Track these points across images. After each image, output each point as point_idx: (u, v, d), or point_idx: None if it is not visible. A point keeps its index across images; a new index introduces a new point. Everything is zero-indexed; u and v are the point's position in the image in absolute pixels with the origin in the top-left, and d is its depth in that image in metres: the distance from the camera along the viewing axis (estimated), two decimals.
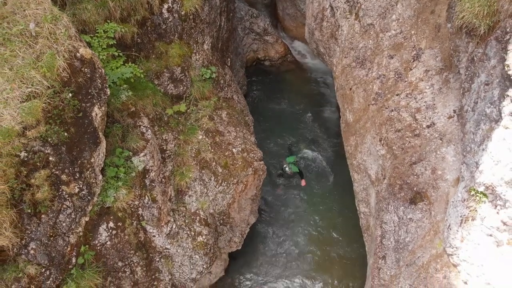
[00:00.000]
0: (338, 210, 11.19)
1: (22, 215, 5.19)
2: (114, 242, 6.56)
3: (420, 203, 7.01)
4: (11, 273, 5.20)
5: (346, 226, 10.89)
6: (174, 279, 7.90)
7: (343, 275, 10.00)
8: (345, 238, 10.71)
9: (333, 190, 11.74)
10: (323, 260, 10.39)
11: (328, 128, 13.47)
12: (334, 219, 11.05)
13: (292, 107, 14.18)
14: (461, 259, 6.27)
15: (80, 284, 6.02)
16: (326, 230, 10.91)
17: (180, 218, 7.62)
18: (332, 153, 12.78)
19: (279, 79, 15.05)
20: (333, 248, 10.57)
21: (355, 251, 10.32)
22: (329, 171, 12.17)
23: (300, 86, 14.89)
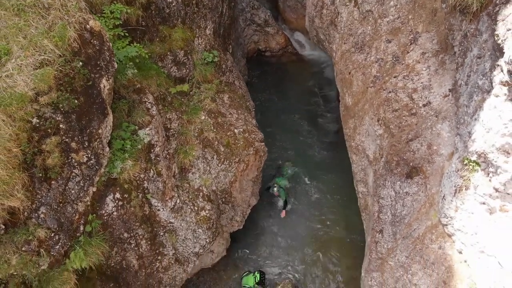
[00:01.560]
0: (337, 194, 11.41)
1: (33, 179, 5.42)
2: (120, 213, 6.79)
3: (416, 177, 7.24)
4: (21, 236, 5.42)
5: (345, 211, 11.10)
6: (177, 254, 8.13)
7: (341, 256, 10.21)
8: (344, 221, 10.91)
9: (333, 177, 11.94)
10: (323, 242, 10.59)
11: (325, 120, 13.70)
12: (334, 203, 11.26)
13: (293, 96, 14.40)
14: (455, 229, 6.49)
15: (88, 251, 6.25)
16: (326, 214, 11.12)
17: (183, 194, 7.85)
18: (330, 144, 12.98)
19: (280, 69, 15.30)
20: (332, 230, 10.78)
21: (354, 233, 10.53)
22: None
23: (300, 77, 15.12)
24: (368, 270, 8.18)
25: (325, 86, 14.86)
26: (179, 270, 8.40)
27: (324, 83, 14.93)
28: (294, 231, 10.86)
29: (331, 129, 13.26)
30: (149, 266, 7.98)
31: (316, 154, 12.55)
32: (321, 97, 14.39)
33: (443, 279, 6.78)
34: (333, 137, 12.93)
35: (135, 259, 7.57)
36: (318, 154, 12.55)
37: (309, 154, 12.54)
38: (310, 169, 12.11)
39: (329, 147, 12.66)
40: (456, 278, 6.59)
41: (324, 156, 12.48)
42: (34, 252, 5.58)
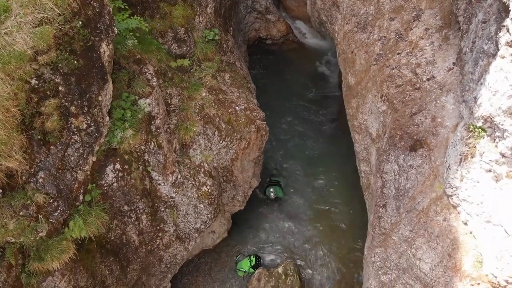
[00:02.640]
0: (338, 178, 11.31)
1: (32, 142, 5.34)
2: (120, 184, 6.70)
3: (420, 149, 7.14)
4: (19, 200, 5.34)
5: (347, 196, 11.00)
6: (178, 230, 8.04)
7: (343, 238, 10.11)
8: (345, 205, 10.81)
9: (334, 161, 11.85)
10: (323, 225, 10.49)
11: (328, 104, 13.61)
12: (335, 188, 11.17)
13: (293, 84, 14.29)
14: (460, 199, 6.39)
15: (87, 220, 6.16)
16: (327, 198, 11.02)
17: (185, 169, 7.76)
18: (330, 129, 12.89)
19: (281, 57, 15.21)
20: (333, 214, 10.68)
21: (356, 217, 10.42)
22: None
23: (301, 65, 15.02)
24: (371, 247, 8.07)
25: (326, 73, 14.78)
26: (180, 248, 8.31)
27: (325, 71, 14.84)
28: (295, 215, 10.76)
29: (331, 115, 13.16)
30: (149, 243, 7.88)
31: (316, 139, 12.44)
32: (322, 84, 14.30)
33: (448, 252, 6.67)
34: (333, 122, 12.85)
35: (135, 235, 7.47)
36: (318, 139, 12.44)
37: (309, 139, 12.44)
38: (310, 155, 12.01)
39: (329, 132, 12.57)
40: (462, 250, 6.48)
41: (323, 141, 12.37)
42: (32, 218, 5.48)
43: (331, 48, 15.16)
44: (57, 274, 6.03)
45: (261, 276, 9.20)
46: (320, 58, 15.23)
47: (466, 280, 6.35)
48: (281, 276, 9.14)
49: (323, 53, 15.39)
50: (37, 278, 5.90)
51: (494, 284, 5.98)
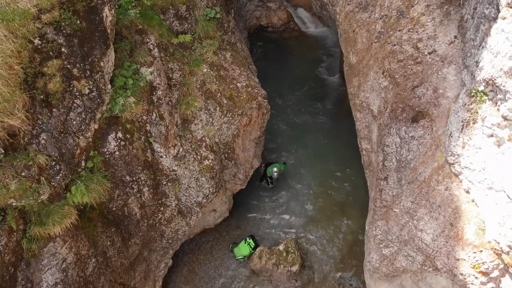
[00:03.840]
0: (338, 159, 11.32)
1: (34, 103, 5.35)
2: (122, 153, 6.70)
3: (422, 120, 7.13)
4: (21, 160, 5.34)
5: (347, 177, 11.01)
6: (180, 204, 8.03)
7: (343, 217, 10.10)
8: (345, 186, 10.81)
9: (334, 145, 11.85)
10: (323, 206, 10.48)
11: (328, 91, 13.63)
12: (335, 169, 11.17)
13: (294, 71, 14.31)
14: (462, 167, 6.38)
15: (89, 186, 6.16)
16: (327, 179, 11.02)
17: (186, 143, 7.76)
18: (330, 113, 12.89)
19: (282, 45, 15.24)
20: (334, 194, 10.67)
21: (355, 197, 10.42)
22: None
23: (302, 52, 15.05)
24: (372, 221, 8.06)
25: (326, 60, 14.80)
26: (182, 223, 8.30)
27: (325, 58, 14.86)
28: (295, 197, 10.75)
29: (331, 99, 13.17)
30: (151, 217, 7.87)
31: (316, 122, 12.45)
32: (322, 70, 14.31)
33: (450, 221, 6.66)
34: (333, 106, 12.86)
35: (137, 207, 7.46)
36: (318, 122, 12.44)
37: (309, 122, 12.44)
38: (309, 138, 12.01)
39: (329, 116, 12.57)
40: (464, 219, 6.47)
41: (324, 124, 12.38)
42: (34, 179, 5.49)
43: (332, 36, 15.22)
44: (59, 240, 6.02)
45: (262, 254, 9.18)
46: (320, 45, 15.26)
47: (469, 248, 6.34)
48: (282, 253, 9.12)
49: (323, 41, 15.42)
50: (38, 244, 5.89)
51: (497, 251, 5.97)
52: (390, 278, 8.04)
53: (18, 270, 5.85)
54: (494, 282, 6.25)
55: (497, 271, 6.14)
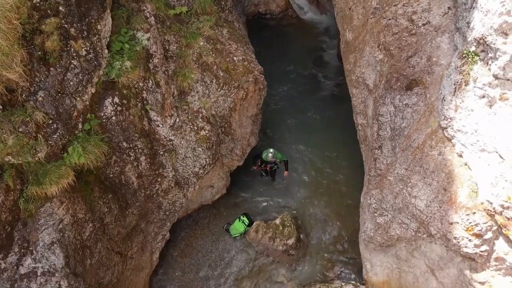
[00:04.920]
0: (335, 141, 11.38)
1: (32, 59, 5.44)
2: (119, 118, 6.78)
3: (416, 88, 7.21)
4: (19, 116, 5.43)
5: (343, 159, 11.06)
6: (177, 175, 8.10)
7: (338, 196, 10.17)
8: (341, 166, 10.86)
9: (331, 128, 11.91)
10: (320, 186, 10.54)
11: (327, 75, 13.70)
12: (332, 150, 11.24)
13: (292, 57, 14.37)
14: (455, 130, 6.45)
15: (86, 148, 6.24)
16: (324, 161, 11.08)
17: (183, 114, 7.84)
18: (328, 97, 12.96)
19: (280, 32, 15.31)
20: (330, 175, 10.73)
21: (351, 177, 10.47)
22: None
23: (300, 39, 15.12)
24: (367, 191, 8.12)
25: (324, 47, 14.87)
26: (179, 195, 8.38)
27: (324, 44, 14.93)
28: (292, 176, 10.79)
29: (329, 84, 13.25)
30: (148, 187, 7.95)
31: (313, 106, 12.51)
32: (320, 57, 14.40)
33: (443, 186, 6.73)
34: (331, 90, 12.94)
35: (134, 176, 7.53)
36: (315, 105, 12.50)
37: (305, 105, 12.50)
38: (306, 121, 12.07)
39: (327, 99, 12.65)
40: (457, 183, 6.54)
41: (321, 108, 12.44)
42: (31, 136, 5.57)
43: (330, 23, 15.31)
44: (55, 201, 6.10)
45: (259, 228, 9.25)
46: (319, 32, 15.34)
47: (462, 211, 6.40)
48: (278, 227, 9.18)
49: (321, 28, 15.50)
50: (35, 204, 5.97)
51: (490, 211, 6.03)
52: (385, 248, 8.10)
53: (15, 230, 5.93)
54: (487, 245, 6.30)
55: (491, 233, 6.19)
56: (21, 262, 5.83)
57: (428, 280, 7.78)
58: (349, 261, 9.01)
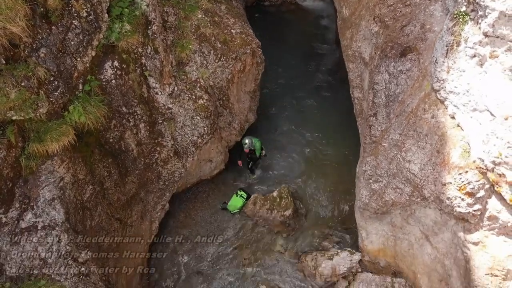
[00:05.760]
0: (332, 118, 11.54)
1: (35, 16, 5.60)
2: (118, 82, 6.94)
3: (410, 54, 7.35)
4: (21, 71, 5.59)
5: (340, 136, 11.18)
6: (176, 145, 8.25)
7: (334, 173, 10.31)
8: (338, 144, 10.99)
9: (329, 109, 12.04)
10: (316, 163, 10.67)
11: (325, 60, 13.85)
12: (329, 129, 11.39)
13: (291, 43, 14.52)
14: (447, 92, 6.58)
15: (87, 108, 6.39)
16: (320, 137, 11.22)
17: (181, 83, 7.99)
18: (326, 80, 13.11)
19: (279, 18, 15.48)
20: (327, 152, 10.86)
21: (347, 156, 10.60)
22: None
23: (299, 25, 15.28)
24: (362, 160, 8.25)
25: (323, 33, 15.02)
26: (178, 165, 8.52)
27: (322, 31, 15.08)
28: (289, 154, 10.91)
29: (327, 68, 13.40)
30: (148, 156, 8.10)
31: (310, 88, 12.65)
32: (319, 43, 14.54)
33: (436, 149, 6.85)
34: (329, 73, 13.10)
35: (133, 144, 7.68)
36: (312, 88, 12.65)
37: (303, 88, 12.64)
38: (303, 103, 12.20)
39: (325, 82, 12.80)
40: (449, 144, 6.66)
41: (318, 90, 12.59)
42: (33, 91, 5.72)
43: (328, 10, 15.48)
44: (56, 159, 6.24)
45: (256, 200, 9.38)
46: (317, 19, 15.50)
47: (454, 171, 6.52)
48: (276, 199, 9.31)
49: (319, 14, 15.67)
50: (36, 161, 6.11)
51: (482, 169, 6.14)
52: (380, 216, 8.21)
53: (16, 187, 6.08)
54: (480, 204, 6.39)
55: (483, 191, 6.29)
56: (22, 217, 5.96)
57: (423, 246, 7.89)
58: (345, 231, 9.14)
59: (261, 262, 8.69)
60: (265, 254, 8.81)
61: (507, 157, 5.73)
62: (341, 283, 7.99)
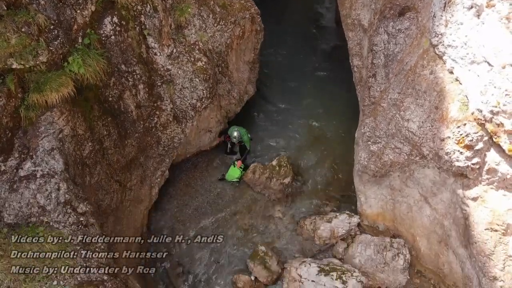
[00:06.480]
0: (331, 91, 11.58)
1: None
2: (118, 39, 6.97)
3: (408, 13, 7.37)
4: (22, 17, 5.63)
5: (339, 110, 11.20)
6: (175, 109, 8.27)
7: (334, 144, 10.32)
8: (338, 119, 11.00)
9: (329, 82, 12.07)
10: (318, 134, 10.68)
11: (325, 37, 13.89)
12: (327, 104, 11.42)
13: (291, 21, 14.51)
14: (446, 46, 6.59)
15: (86, 61, 6.42)
16: (318, 111, 11.25)
17: (180, 46, 8.01)
18: (326, 57, 13.14)
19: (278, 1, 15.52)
20: (327, 125, 10.87)
21: (346, 129, 10.61)
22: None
23: (299, 3, 15.27)
24: (361, 123, 8.26)
25: (323, 12, 15.03)
26: (178, 130, 8.53)
27: (322, 9, 15.10)
28: (288, 127, 10.91)
29: (327, 44, 13.44)
30: (147, 120, 8.12)
31: (310, 64, 12.67)
32: (319, 21, 14.58)
33: (435, 105, 6.86)
34: (329, 49, 13.13)
35: (133, 105, 7.70)
36: (312, 64, 12.67)
37: (302, 64, 12.65)
38: (303, 76, 12.23)
39: (325, 57, 12.84)
40: (448, 99, 6.67)
41: (320, 64, 12.61)
42: (34, 38, 5.76)
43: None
44: (56, 111, 6.25)
45: (256, 169, 9.39)
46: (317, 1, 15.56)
47: (453, 125, 6.53)
48: (275, 167, 9.32)
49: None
50: (35, 112, 6.12)
51: (480, 120, 6.14)
52: (378, 179, 8.21)
53: (15, 137, 6.11)
54: (479, 157, 6.39)
55: (482, 144, 6.29)
56: (20, 166, 5.98)
57: (421, 209, 7.88)
58: (344, 198, 9.14)
59: (260, 227, 8.70)
60: (264, 220, 8.81)
61: (505, 105, 5.73)
62: (340, 244, 7.97)
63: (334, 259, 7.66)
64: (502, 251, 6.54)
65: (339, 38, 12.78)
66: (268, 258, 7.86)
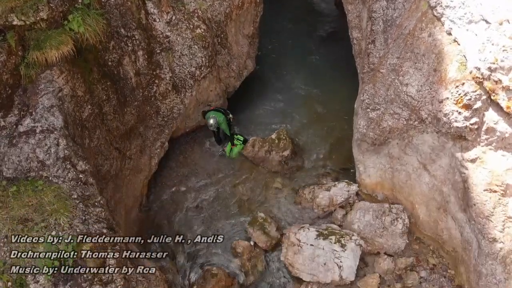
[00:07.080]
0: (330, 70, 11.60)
1: None
2: (117, 1, 7.02)
3: None
4: None
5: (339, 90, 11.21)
6: (174, 77, 8.30)
7: (333, 121, 10.32)
8: (337, 96, 11.00)
9: (328, 63, 12.08)
10: (317, 112, 10.69)
11: (325, 18, 13.94)
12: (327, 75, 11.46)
13: (291, 4, 14.58)
14: (443, 7, 6.60)
15: (86, 20, 6.46)
16: (318, 86, 11.27)
17: (179, 13, 8.05)
18: (326, 39, 13.18)
19: None
20: (326, 103, 10.89)
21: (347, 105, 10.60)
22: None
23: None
24: (360, 91, 8.26)
25: (323, 8, 15.06)
26: (177, 100, 8.57)
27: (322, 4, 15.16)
28: (288, 105, 10.93)
29: (326, 28, 13.49)
30: (146, 88, 8.15)
31: (310, 46, 12.71)
32: (318, 3, 14.65)
33: (434, 67, 6.88)
34: (330, 28, 13.19)
35: (132, 72, 7.74)
36: (312, 46, 12.71)
37: (303, 46, 12.68)
38: (302, 57, 12.26)
39: (325, 37, 12.88)
40: (446, 60, 6.68)
41: (318, 48, 12.64)
42: None
43: None
44: (55, 69, 6.29)
45: (255, 143, 9.40)
46: None
47: (451, 86, 6.55)
48: (274, 141, 9.33)
49: None
50: (35, 70, 6.17)
51: (478, 79, 6.14)
52: (377, 148, 8.21)
53: (15, 95, 6.15)
54: (477, 116, 6.39)
55: (480, 103, 6.28)
56: (20, 122, 6.00)
57: (420, 176, 7.88)
58: (343, 170, 9.15)
59: (259, 197, 8.72)
60: (264, 190, 8.83)
61: (502, 61, 5.74)
62: (339, 211, 7.97)
63: (333, 224, 7.66)
64: (502, 212, 6.52)
65: (339, 20, 12.88)
66: (267, 224, 7.88)
